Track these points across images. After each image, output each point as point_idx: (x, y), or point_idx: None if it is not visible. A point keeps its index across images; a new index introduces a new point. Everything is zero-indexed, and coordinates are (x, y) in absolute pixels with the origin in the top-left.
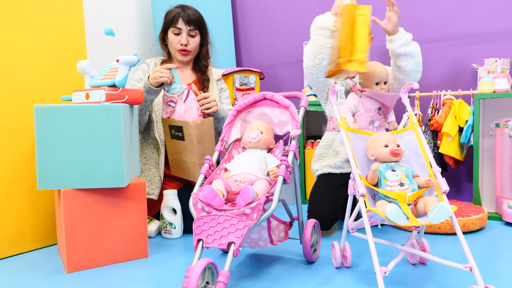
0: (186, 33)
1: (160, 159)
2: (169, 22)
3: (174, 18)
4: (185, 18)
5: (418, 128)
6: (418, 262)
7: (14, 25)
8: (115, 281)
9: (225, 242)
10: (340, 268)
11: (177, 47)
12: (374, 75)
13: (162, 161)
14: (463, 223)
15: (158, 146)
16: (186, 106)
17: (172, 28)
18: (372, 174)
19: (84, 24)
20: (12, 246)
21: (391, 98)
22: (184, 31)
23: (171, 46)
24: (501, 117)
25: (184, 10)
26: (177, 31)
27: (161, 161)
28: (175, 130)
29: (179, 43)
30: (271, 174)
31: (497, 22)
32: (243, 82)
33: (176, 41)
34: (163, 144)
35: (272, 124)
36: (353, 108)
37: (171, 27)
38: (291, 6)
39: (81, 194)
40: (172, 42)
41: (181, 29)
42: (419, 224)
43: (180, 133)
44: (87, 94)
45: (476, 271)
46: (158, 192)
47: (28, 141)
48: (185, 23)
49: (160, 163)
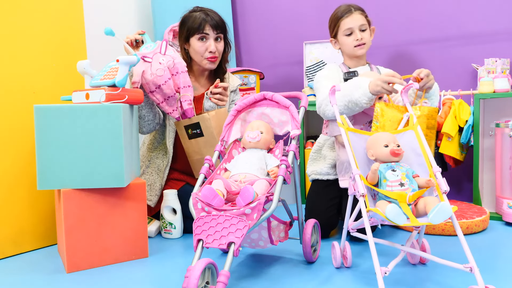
0: (213, 39)
1: (165, 168)
2: (194, 29)
3: (201, 24)
4: (212, 23)
5: (419, 128)
6: (418, 263)
7: (14, 25)
8: (115, 281)
9: (225, 242)
10: (340, 268)
11: (205, 55)
12: None
13: (166, 171)
14: (467, 225)
15: (164, 153)
16: (168, 57)
17: (198, 35)
18: (372, 174)
19: (84, 24)
20: (12, 246)
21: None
22: (212, 37)
23: (196, 54)
24: (501, 117)
25: (208, 14)
26: (202, 38)
27: (166, 170)
28: (192, 129)
29: (207, 51)
30: (271, 174)
31: (497, 22)
32: (243, 82)
33: (203, 49)
34: (171, 154)
35: (272, 124)
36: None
37: (197, 34)
38: (291, 6)
39: (81, 194)
40: (198, 50)
41: (208, 35)
42: (420, 224)
43: (197, 129)
44: (87, 94)
45: (477, 272)
46: (157, 200)
47: (28, 141)
48: (213, 29)
49: (165, 172)
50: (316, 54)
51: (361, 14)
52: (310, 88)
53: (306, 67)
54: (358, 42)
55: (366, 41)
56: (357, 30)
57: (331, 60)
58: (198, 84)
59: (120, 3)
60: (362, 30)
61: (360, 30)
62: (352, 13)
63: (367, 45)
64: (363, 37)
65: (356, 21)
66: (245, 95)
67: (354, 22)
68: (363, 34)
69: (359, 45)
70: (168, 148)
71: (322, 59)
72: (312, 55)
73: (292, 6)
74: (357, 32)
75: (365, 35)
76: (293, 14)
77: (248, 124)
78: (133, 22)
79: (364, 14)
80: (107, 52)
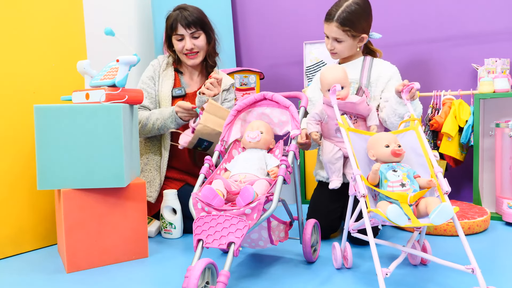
0: (189, 36)
1: (163, 163)
2: (170, 29)
3: (173, 24)
4: (183, 22)
5: (420, 128)
6: (420, 263)
7: (14, 25)
8: (115, 281)
9: (225, 242)
10: (341, 269)
11: (183, 51)
12: (323, 83)
13: (164, 165)
14: (468, 225)
15: (162, 149)
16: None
17: (174, 35)
18: (373, 174)
19: (84, 24)
20: (12, 246)
21: (344, 105)
22: (187, 35)
23: (177, 51)
24: (501, 117)
25: (181, 12)
26: (179, 38)
27: (164, 165)
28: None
29: (184, 48)
30: (271, 174)
31: (497, 22)
32: (243, 82)
33: (181, 47)
34: (166, 148)
35: (272, 124)
36: (316, 116)
37: (173, 34)
38: (291, 6)
39: (81, 194)
40: (177, 48)
41: (183, 34)
42: (421, 225)
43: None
44: (87, 94)
45: (478, 273)
46: (157, 195)
47: (28, 141)
48: (185, 27)
49: (162, 167)
50: (316, 54)
51: (337, 27)
52: None
53: (306, 67)
54: (330, 50)
55: (338, 51)
56: (331, 39)
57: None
58: (191, 81)
59: (120, 3)
60: (338, 41)
61: (335, 40)
62: (330, 22)
63: (340, 55)
64: (335, 48)
65: (331, 32)
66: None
67: (329, 32)
68: (336, 45)
69: (331, 53)
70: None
71: (322, 59)
72: (312, 55)
73: (292, 6)
74: (331, 41)
75: (339, 47)
76: (293, 14)
77: (248, 124)
78: (133, 22)
79: (342, 27)
80: (107, 52)
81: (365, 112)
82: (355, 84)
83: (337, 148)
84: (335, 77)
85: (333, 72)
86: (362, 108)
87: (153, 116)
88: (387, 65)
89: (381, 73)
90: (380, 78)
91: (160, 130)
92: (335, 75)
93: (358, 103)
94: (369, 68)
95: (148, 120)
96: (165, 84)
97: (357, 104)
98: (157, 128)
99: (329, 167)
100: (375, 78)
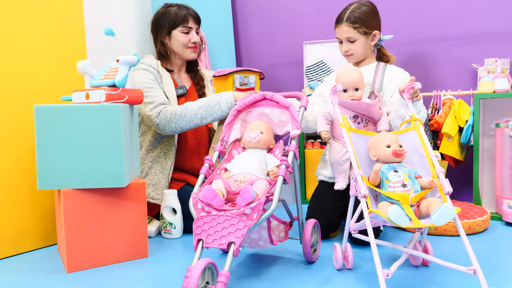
0: (195, 31)
1: (170, 166)
2: (178, 22)
3: (185, 17)
4: (193, 16)
5: (421, 129)
6: (421, 264)
7: (15, 25)
8: (115, 281)
9: (225, 242)
10: (341, 270)
11: (188, 45)
12: (339, 82)
13: (171, 168)
14: (468, 225)
15: (167, 151)
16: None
17: (182, 28)
18: (374, 175)
19: (84, 24)
20: (12, 246)
21: (357, 106)
22: (193, 29)
23: (179, 45)
24: (501, 117)
25: (188, 8)
26: (186, 30)
27: (170, 168)
28: None
29: (190, 41)
30: (271, 174)
31: (497, 22)
32: (243, 82)
33: (187, 40)
34: (174, 151)
35: (272, 124)
36: (328, 116)
37: (180, 26)
38: (291, 6)
39: (81, 194)
40: (183, 41)
41: (191, 28)
42: (422, 225)
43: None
44: (87, 94)
45: (480, 274)
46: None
47: (28, 141)
48: (195, 22)
49: (170, 169)
50: (316, 54)
51: (348, 26)
52: (310, 88)
53: (306, 67)
54: (345, 53)
55: (353, 52)
56: (344, 42)
57: (331, 60)
58: (180, 78)
59: (120, 3)
60: (351, 41)
61: (349, 41)
62: (340, 24)
63: (356, 56)
64: (350, 49)
65: (342, 33)
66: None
67: (341, 34)
68: (351, 46)
69: (347, 55)
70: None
71: (322, 59)
72: (312, 55)
73: (292, 6)
74: (344, 43)
75: (353, 47)
76: (293, 14)
77: (248, 124)
78: (133, 22)
79: (353, 25)
80: (107, 52)
81: (377, 116)
82: (368, 88)
83: (346, 149)
84: (351, 78)
85: (350, 72)
86: (375, 111)
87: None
88: (400, 72)
89: (393, 79)
90: (392, 83)
91: (202, 119)
92: (352, 76)
93: (372, 105)
94: (382, 73)
95: (187, 110)
96: (167, 85)
97: (370, 106)
98: (200, 117)
99: (336, 168)
100: (387, 83)
